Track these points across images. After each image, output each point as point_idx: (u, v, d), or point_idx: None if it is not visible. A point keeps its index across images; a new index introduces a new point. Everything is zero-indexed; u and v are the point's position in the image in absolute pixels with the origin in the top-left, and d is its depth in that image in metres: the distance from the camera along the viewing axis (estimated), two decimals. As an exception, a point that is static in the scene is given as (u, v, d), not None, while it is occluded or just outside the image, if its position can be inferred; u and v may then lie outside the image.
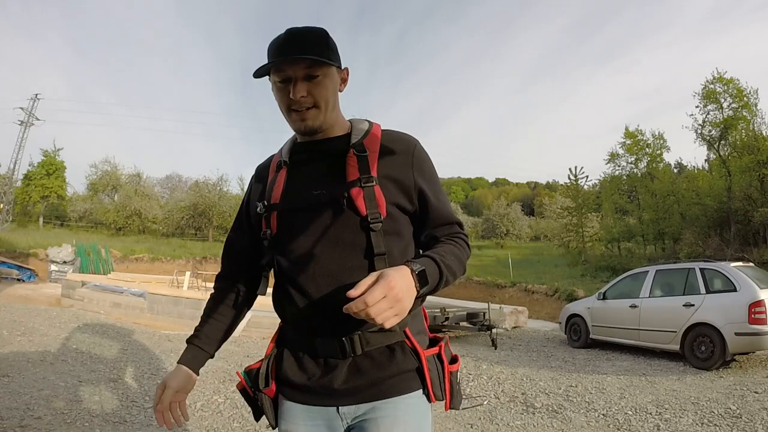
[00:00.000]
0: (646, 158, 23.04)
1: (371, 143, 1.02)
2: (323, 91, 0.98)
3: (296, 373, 1.00)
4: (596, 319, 7.64)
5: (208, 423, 3.24)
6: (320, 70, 0.97)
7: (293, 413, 1.02)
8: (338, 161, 1.00)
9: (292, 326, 1.05)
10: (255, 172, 1.18)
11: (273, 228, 1.03)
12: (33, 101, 30.51)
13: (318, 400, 0.98)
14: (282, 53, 0.95)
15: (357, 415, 0.97)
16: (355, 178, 0.97)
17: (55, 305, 9.74)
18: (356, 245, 0.96)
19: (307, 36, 0.97)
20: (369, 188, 0.96)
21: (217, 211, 31.51)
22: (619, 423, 3.62)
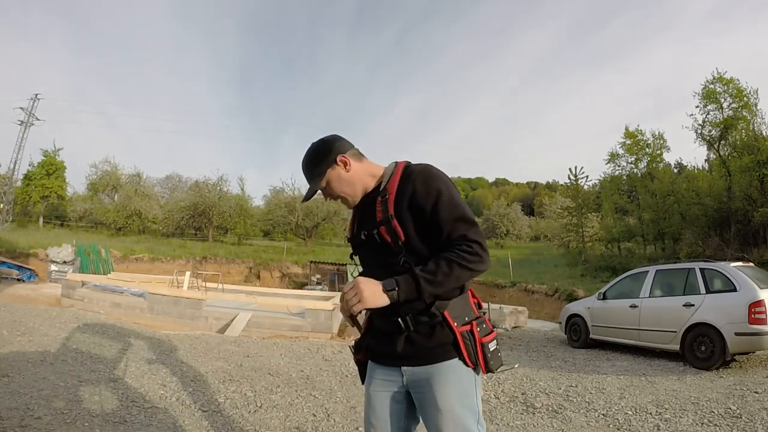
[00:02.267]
0: (646, 158, 23.01)
1: (392, 185, 1.41)
2: (334, 191, 1.48)
3: (375, 342, 1.51)
4: (596, 319, 7.64)
5: (208, 423, 3.23)
6: (322, 183, 1.47)
7: (373, 371, 1.51)
8: (371, 208, 1.44)
9: (375, 314, 1.46)
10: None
11: (354, 250, 1.57)
12: (33, 101, 30.54)
13: (389, 362, 1.46)
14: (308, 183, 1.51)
15: (413, 374, 1.41)
16: (380, 218, 1.39)
17: (55, 305, 9.73)
18: (391, 264, 1.37)
19: (303, 170, 1.49)
20: (389, 224, 1.36)
21: (217, 211, 31.47)
22: (619, 423, 3.62)
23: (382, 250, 1.38)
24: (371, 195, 1.47)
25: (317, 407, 3.76)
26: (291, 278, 24.48)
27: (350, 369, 5.27)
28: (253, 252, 27.51)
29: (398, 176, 1.40)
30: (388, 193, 1.39)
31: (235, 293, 12.35)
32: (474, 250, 1.28)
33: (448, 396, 1.34)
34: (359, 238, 1.46)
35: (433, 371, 1.36)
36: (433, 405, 1.35)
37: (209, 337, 6.87)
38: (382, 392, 1.47)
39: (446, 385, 1.35)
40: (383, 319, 1.41)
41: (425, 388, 1.37)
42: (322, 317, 9.10)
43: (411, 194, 1.35)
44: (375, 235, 1.39)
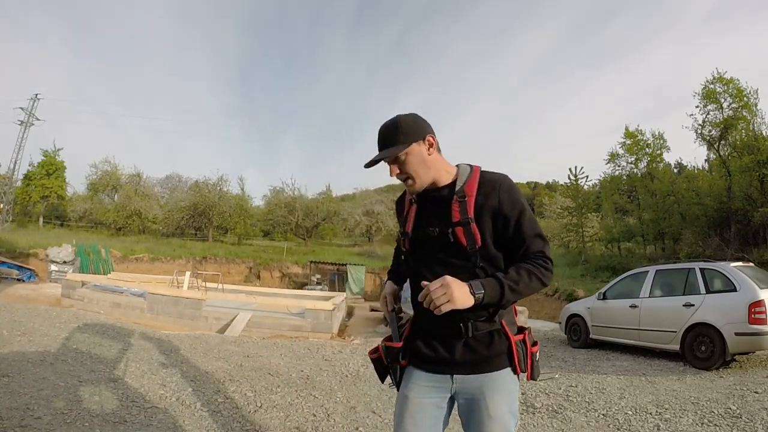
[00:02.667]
0: (646, 158, 23.00)
1: (470, 188, 1.39)
2: (409, 166, 1.40)
3: (426, 349, 1.44)
4: (596, 319, 7.64)
5: (208, 423, 3.23)
6: (403, 153, 1.38)
7: (415, 376, 1.46)
8: (447, 205, 1.40)
9: (425, 317, 1.42)
10: (397, 200, 1.65)
11: (407, 248, 1.51)
12: (33, 101, 30.51)
13: (439, 369, 1.42)
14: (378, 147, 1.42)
15: (464, 382, 1.39)
16: (458, 219, 1.37)
17: (55, 305, 9.73)
18: (460, 266, 1.37)
19: (385, 132, 1.41)
20: (467, 226, 1.36)
21: (217, 211, 31.45)
22: (619, 423, 3.62)
23: (452, 250, 1.37)
24: (441, 192, 1.43)
25: (317, 407, 3.76)
26: (291, 278, 24.48)
27: (350, 369, 5.27)
28: (253, 252, 27.50)
29: (476, 181, 1.40)
30: (467, 196, 1.37)
31: (235, 293, 12.36)
32: (549, 267, 1.37)
33: (499, 404, 1.37)
34: (426, 233, 1.42)
35: (487, 380, 1.38)
36: (485, 412, 1.36)
37: (209, 337, 6.87)
38: (425, 399, 1.42)
39: (498, 394, 1.37)
40: (442, 324, 1.37)
41: (476, 396, 1.38)
42: (322, 317, 9.10)
43: (497, 205, 1.36)
44: (449, 235, 1.37)
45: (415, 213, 1.49)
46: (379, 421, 3.52)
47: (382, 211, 34.63)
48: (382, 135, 1.41)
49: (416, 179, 1.41)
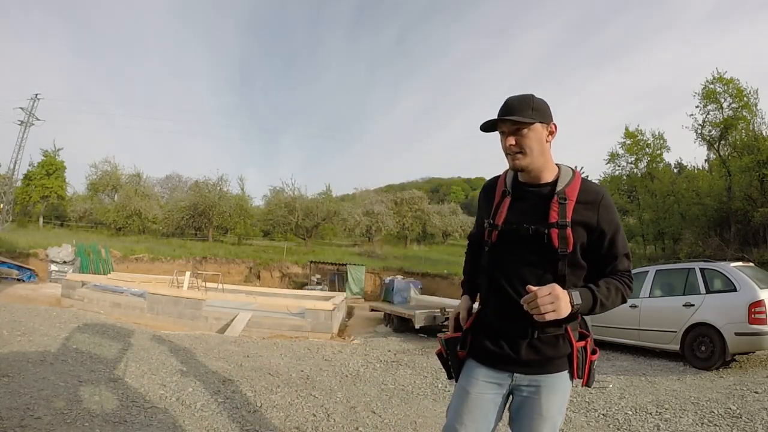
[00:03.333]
0: (646, 158, 23.00)
1: (571, 192, 1.38)
2: (526, 141, 1.37)
3: (491, 344, 1.45)
4: (596, 319, 7.63)
5: (208, 423, 3.23)
6: (524, 126, 1.36)
7: (475, 371, 1.47)
8: (545, 204, 1.38)
9: (495, 312, 1.46)
10: (484, 187, 1.61)
11: (493, 240, 1.45)
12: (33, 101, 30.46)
13: (501, 366, 1.43)
14: (499, 115, 1.39)
15: (525, 381, 1.42)
16: (555, 220, 1.35)
17: (55, 305, 9.73)
18: (547, 268, 1.37)
19: (516, 102, 1.39)
20: (563, 230, 1.34)
21: (217, 211, 31.42)
22: (619, 423, 3.62)
23: (542, 251, 1.36)
24: (542, 189, 1.42)
25: (317, 407, 3.76)
26: (291, 278, 24.46)
27: (350, 369, 5.27)
28: (253, 252, 27.48)
29: (578, 186, 1.39)
30: (568, 200, 1.37)
31: (235, 293, 12.37)
32: (631, 286, 1.44)
33: (552, 405, 1.41)
34: (519, 230, 1.39)
35: (545, 381, 1.41)
36: (537, 411, 1.40)
37: (209, 337, 6.87)
38: (486, 395, 1.45)
39: (554, 395, 1.41)
40: (511, 323, 1.39)
41: (533, 395, 1.41)
42: (322, 317, 9.10)
43: (595, 218, 1.37)
44: (544, 235, 1.35)
45: (508, 205, 1.45)
46: (379, 421, 3.52)
47: (382, 211, 34.61)
48: (511, 103, 1.39)
49: (527, 155, 1.39)
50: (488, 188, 1.58)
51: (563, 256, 1.35)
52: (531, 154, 1.38)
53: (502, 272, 1.43)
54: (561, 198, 1.37)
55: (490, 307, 1.47)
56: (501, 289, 1.42)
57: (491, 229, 1.46)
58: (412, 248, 36.15)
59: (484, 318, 1.50)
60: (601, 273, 1.41)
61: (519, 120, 1.35)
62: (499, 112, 1.40)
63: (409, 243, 37.90)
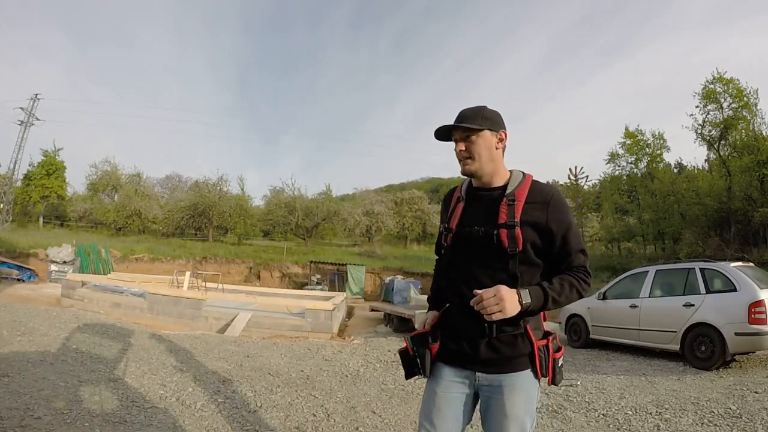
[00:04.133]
0: (646, 158, 23.02)
1: (521, 193, 1.44)
2: (475, 147, 1.46)
3: (452, 343, 1.50)
4: (596, 319, 7.64)
5: (208, 423, 3.23)
6: (473, 132, 1.45)
7: (441, 371, 1.52)
8: (494, 207, 1.44)
9: (455, 312, 1.51)
10: (443, 197, 1.69)
11: (449, 243, 1.53)
12: (33, 101, 30.44)
13: (463, 364, 1.48)
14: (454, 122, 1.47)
15: (488, 381, 1.45)
16: (504, 221, 1.40)
17: (55, 305, 9.73)
18: (499, 268, 1.41)
19: (468, 112, 1.48)
20: (512, 230, 1.39)
21: (217, 211, 31.42)
22: (619, 423, 3.62)
23: (493, 251, 1.41)
24: (492, 192, 1.49)
25: (317, 407, 3.76)
26: (291, 278, 24.47)
27: (350, 369, 5.27)
28: (253, 252, 27.48)
29: (527, 188, 1.46)
30: (517, 201, 1.43)
31: (235, 293, 12.37)
32: (588, 281, 1.44)
33: (516, 404, 1.41)
34: (471, 232, 1.45)
35: (507, 380, 1.43)
36: (501, 411, 1.42)
37: (209, 337, 6.87)
38: (451, 393, 1.49)
39: (517, 394, 1.42)
40: (470, 322, 1.43)
41: (496, 394, 1.44)
42: (322, 317, 9.10)
43: (545, 217, 1.41)
44: (494, 235, 1.40)
45: (462, 210, 1.53)
46: (379, 421, 3.52)
47: (382, 211, 34.60)
48: (463, 113, 1.48)
49: (476, 161, 1.46)
50: (447, 197, 1.66)
51: (513, 255, 1.39)
52: (479, 159, 1.46)
53: (458, 273, 1.49)
54: (510, 199, 1.43)
55: (452, 307, 1.53)
56: (458, 289, 1.47)
57: (447, 232, 1.53)
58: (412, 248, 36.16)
59: (448, 318, 1.55)
60: (557, 269, 1.44)
61: (468, 127, 1.44)
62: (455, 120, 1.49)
63: (409, 243, 37.91)
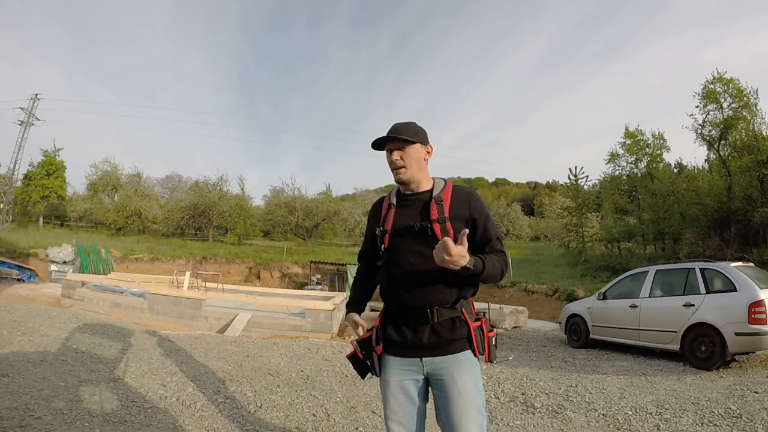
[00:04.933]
0: (646, 158, 22.96)
1: (445, 195, 1.69)
2: (408, 158, 1.69)
3: (396, 335, 1.68)
4: (596, 319, 7.64)
5: (208, 423, 3.23)
6: (407, 144, 1.68)
7: (391, 364, 1.69)
8: (425, 206, 1.69)
9: (395, 305, 1.69)
10: (372, 206, 1.89)
11: (385, 243, 1.72)
12: (33, 101, 30.42)
13: (410, 353, 1.65)
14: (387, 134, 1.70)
15: (434, 365, 1.63)
16: (435, 217, 1.64)
17: (55, 305, 9.73)
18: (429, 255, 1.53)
19: (401, 126, 1.72)
20: (443, 223, 1.63)
21: (217, 211, 31.43)
22: (619, 423, 3.62)
23: (428, 243, 1.59)
24: (421, 196, 1.73)
25: (317, 407, 3.76)
26: (291, 278, 24.47)
27: (350, 369, 5.27)
28: (253, 252, 27.49)
29: (450, 190, 1.71)
30: (443, 201, 1.68)
31: (235, 293, 12.35)
32: (507, 263, 1.70)
33: (466, 382, 1.60)
34: (408, 227, 1.66)
35: (452, 361, 1.62)
36: (455, 390, 1.59)
37: (209, 337, 6.87)
38: (404, 381, 1.67)
39: (464, 373, 1.61)
40: (411, 312, 1.64)
41: (445, 376, 1.61)
42: (322, 317, 9.10)
43: (468, 211, 1.66)
44: (428, 228, 1.63)
45: (394, 214, 1.74)
46: (379, 421, 3.52)
47: (382, 211, 34.50)
48: (397, 127, 1.71)
49: (408, 170, 1.70)
50: (375, 206, 1.87)
51: None
52: (411, 168, 1.69)
53: (397, 267, 1.67)
54: (437, 201, 1.68)
55: (391, 302, 1.71)
56: (398, 282, 1.66)
57: (382, 234, 1.72)
58: (412, 248, 36.02)
59: (387, 314, 1.74)
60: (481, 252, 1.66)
61: (404, 138, 1.66)
62: (387, 133, 1.70)
63: (409, 243, 37.78)
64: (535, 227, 44.76)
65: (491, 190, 76.97)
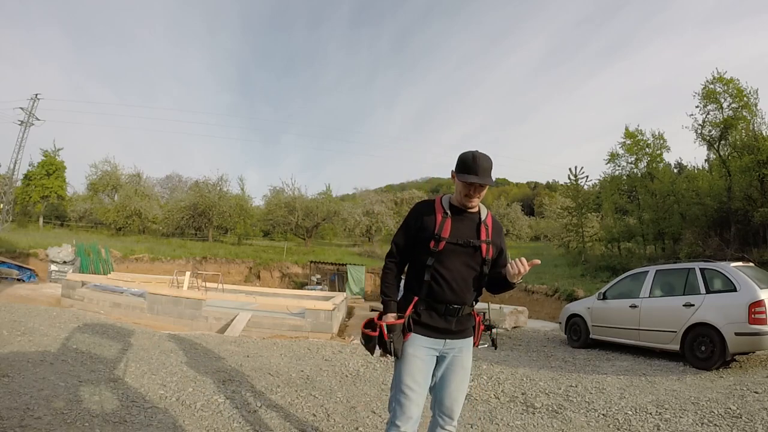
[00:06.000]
0: (646, 158, 22.94)
1: (489, 222, 2.14)
2: (483, 194, 2.07)
3: (431, 320, 2.07)
4: (596, 319, 7.64)
5: (208, 423, 3.23)
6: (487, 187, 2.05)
7: (419, 342, 2.05)
8: (477, 227, 2.10)
9: (435, 298, 2.05)
10: (420, 207, 2.17)
11: (440, 248, 2.03)
12: (33, 101, 30.41)
13: (439, 335, 2.08)
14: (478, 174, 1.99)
15: (452, 344, 2.11)
16: (485, 238, 2.09)
17: (55, 305, 9.73)
18: (476, 269, 2.09)
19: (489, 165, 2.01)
20: (488, 245, 2.09)
21: (217, 211, 31.42)
22: (619, 423, 3.62)
23: (476, 257, 2.06)
24: (473, 216, 2.12)
25: (317, 407, 3.76)
26: (291, 278, 24.46)
27: (350, 369, 5.27)
28: (253, 252, 27.48)
29: (491, 219, 2.16)
30: (488, 226, 2.12)
31: (235, 293, 12.36)
32: None
33: (468, 359, 2.16)
34: (463, 242, 2.04)
35: (464, 343, 2.15)
36: (460, 364, 2.12)
37: (209, 337, 6.87)
38: (428, 357, 2.06)
39: (468, 353, 2.17)
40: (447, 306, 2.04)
41: (457, 353, 2.12)
42: (322, 317, 9.10)
43: (500, 240, 2.16)
44: (479, 247, 2.06)
45: (450, 224, 2.06)
46: (379, 421, 3.52)
47: (382, 211, 34.60)
48: (487, 165, 2.00)
49: (477, 203, 2.09)
50: (426, 209, 2.13)
51: (488, 262, 2.09)
52: (479, 201, 2.09)
53: (447, 270, 2.03)
54: (485, 225, 2.11)
55: (432, 295, 2.05)
56: (445, 281, 2.02)
57: (439, 240, 2.02)
58: (412, 248, 36.02)
59: (421, 304, 2.06)
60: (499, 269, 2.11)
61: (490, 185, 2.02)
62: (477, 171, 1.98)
63: (409, 243, 37.78)
64: (535, 227, 44.75)
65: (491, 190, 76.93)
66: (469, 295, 2.09)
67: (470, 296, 2.10)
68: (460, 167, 2.02)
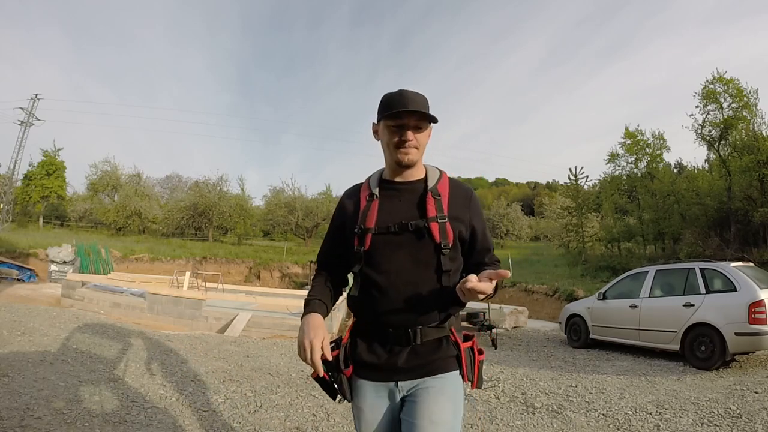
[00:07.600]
0: (646, 158, 22.96)
1: (442, 188, 1.39)
2: (421, 139, 1.36)
3: (368, 356, 1.36)
4: (596, 319, 7.64)
5: (208, 423, 3.23)
6: (425, 123, 1.34)
7: (363, 389, 1.38)
8: (420, 200, 1.36)
9: (371, 321, 1.37)
10: (344, 196, 1.51)
11: (366, 245, 1.35)
12: (33, 101, 30.44)
13: (383, 377, 1.35)
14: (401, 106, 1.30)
15: (411, 387, 1.34)
16: (433, 215, 1.33)
17: (55, 305, 9.73)
18: (429, 263, 1.32)
19: (418, 98, 1.33)
20: (443, 224, 1.32)
21: (217, 211, 31.45)
22: (619, 423, 3.62)
23: (423, 245, 1.32)
24: (414, 185, 1.39)
25: (317, 407, 3.76)
26: (291, 278, 24.47)
27: (350, 369, 5.27)
28: (253, 252, 27.49)
29: (447, 184, 1.41)
30: (441, 195, 1.36)
31: (235, 293, 12.35)
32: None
33: (443, 409, 1.30)
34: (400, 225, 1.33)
35: (433, 383, 1.32)
36: (426, 417, 1.27)
37: (209, 337, 6.87)
38: (380, 408, 1.37)
39: (443, 397, 1.31)
40: (388, 330, 1.33)
41: (420, 398, 1.31)
42: (322, 317, 9.09)
43: (468, 214, 1.39)
44: (424, 228, 1.31)
45: (378, 207, 1.38)
46: (379, 421, 3.51)
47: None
48: (414, 97, 1.32)
49: (418, 152, 1.36)
50: (350, 195, 1.48)
51: (446, 250, 1.31)
52: (421, 150, 1.37)
53: (380, 275, 1.33)
54: (435, 194, 1.36)
55: (368, 317, 1.38)
56: (380, 293, 1.33)
57: (363, 233, 1.35)
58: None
59: (358, 330, 1.42)
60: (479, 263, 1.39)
61: (429, 115, 1.31)
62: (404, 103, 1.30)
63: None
64: (535, 227, 44.77)
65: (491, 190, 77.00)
66: (424, 309, 1.31)
67: (429, 311, 1.32)
68: (383, 107, 1.36)
